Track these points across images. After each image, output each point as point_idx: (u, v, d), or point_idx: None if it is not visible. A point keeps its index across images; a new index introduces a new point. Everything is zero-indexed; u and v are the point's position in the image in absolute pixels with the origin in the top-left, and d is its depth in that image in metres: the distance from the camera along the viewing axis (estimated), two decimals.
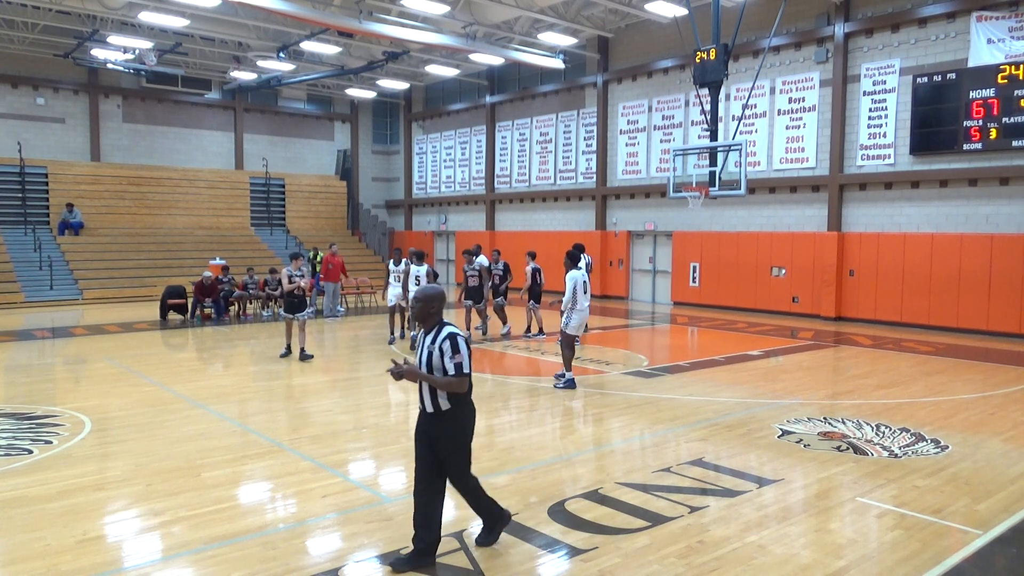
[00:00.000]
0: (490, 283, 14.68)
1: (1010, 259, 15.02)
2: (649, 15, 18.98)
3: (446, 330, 4.58)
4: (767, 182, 19.03)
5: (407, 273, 13.52)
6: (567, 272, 9.76)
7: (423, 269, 13.16)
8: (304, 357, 12.14)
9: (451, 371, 4.49)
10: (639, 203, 22.62)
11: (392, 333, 14.41)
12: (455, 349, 4.50)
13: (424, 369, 4.58)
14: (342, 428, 8.06)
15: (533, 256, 15.53)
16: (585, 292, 9.78)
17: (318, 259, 20.27)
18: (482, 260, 14.53)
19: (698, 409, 8.86)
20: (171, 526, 5.27)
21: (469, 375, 4.58)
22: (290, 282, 12.11)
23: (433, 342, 4.56)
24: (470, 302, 14.33)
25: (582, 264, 10.43)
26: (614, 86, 23.05)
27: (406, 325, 14.52)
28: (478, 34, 21.29)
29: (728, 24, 16.65)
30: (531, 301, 14.81)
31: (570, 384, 9.87)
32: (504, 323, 14.89)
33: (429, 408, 4.63)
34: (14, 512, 5.52)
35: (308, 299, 12.68)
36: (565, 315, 9.73)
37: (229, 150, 29.82)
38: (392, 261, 14.00)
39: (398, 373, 4.58)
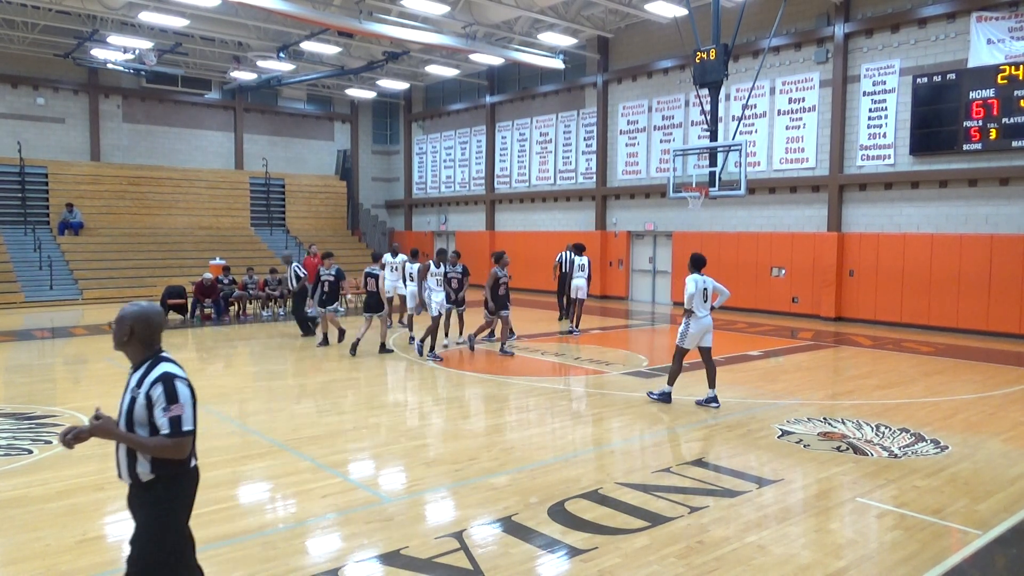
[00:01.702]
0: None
1: (1010, 259, 15.02)
2: (649, 15, 18.98)
3: (160, 369, 3.25)
4: (767, 182, 19.03)
5: (405, 271, 13.65)
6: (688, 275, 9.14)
7: (416, 267, 13.74)
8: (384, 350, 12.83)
9: (164, 428, 3.15)
10: (639, 203, 22.62)
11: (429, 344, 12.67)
12: (171, 397, 3.17)
13: (123, 422, 3.22)
14: (342, 428, 8.06)
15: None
16: (705, 300, 8.96)
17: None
18: (402, 259, 14.15)
19: (698, 409, 8.86)
20: None
21: (190, 434, 3.21)
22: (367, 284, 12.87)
23: (139, 385, 3.23)
24: (451, 306, 13.10)
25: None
26: (614, 86, 23.05)
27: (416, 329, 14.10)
28: (478, 34, 21.29)
29: (728, 24, 16.64)
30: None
31: (665, 398, 9.13)
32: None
33: (125, 477, 3.27)
34: (14, 512, 5.52)
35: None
36: (684, 324, 8.98)
37: (229, 150, 29.82)
38: (432, 263, 12.86)
39: (73, 435, 3.17)
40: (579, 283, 15.64)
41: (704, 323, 8.96)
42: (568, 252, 16.92)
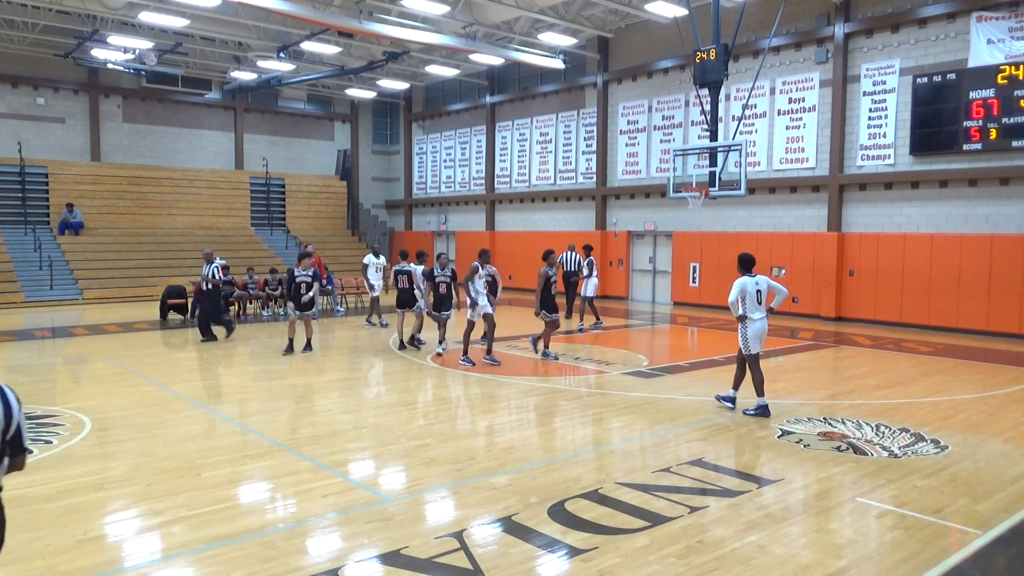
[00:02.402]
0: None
1: (1010, 259, 15.02)
2: (649, 15, 18.98)
3: None
4: (767, 182, 19.03)
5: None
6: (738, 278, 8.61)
7: (419, 269, 13.71)
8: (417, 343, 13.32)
9: None
10: (639, 203, 22.62)
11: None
12: None
13: None
14: (342, 428, 8.06)
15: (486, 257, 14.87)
16: (759, 303, 8.47)
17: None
18: (384, 260, 14.30)
19: (698, 409, 8.86)
20: (171, 526, 5.27)
21: None
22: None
23: None
24: (448, 313, 12.61)
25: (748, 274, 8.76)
26: (614, 86, 23.05)
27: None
28: (478, 34, 21.29)
29: (728, 24, 16.64)
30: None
31: (763, 411, 8.50)
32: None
33: None
34: (14, 512, 5.47)
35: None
36: (741, 330, 8.53)
37: (229, 150, 29.82)
38: (479, 264, 12.10)
39: None
40: (595, 281, 16.80)
41: (760, 326, 8.48)
42: (570, 252, 17.18)
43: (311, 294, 12.84)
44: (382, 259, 16.86)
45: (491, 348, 11.94)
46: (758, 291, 8.49)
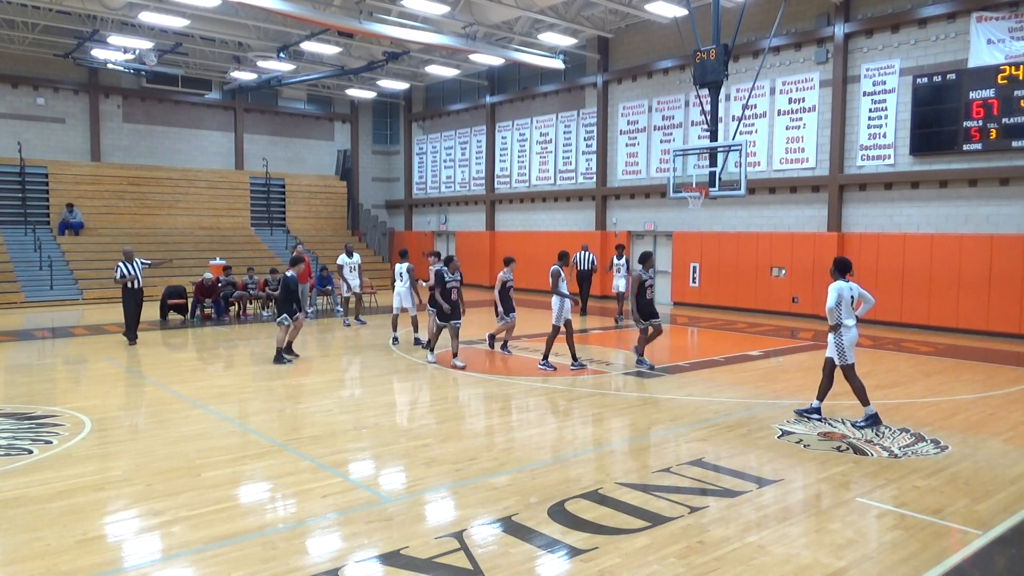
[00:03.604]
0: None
1: (1010, 259, 15.02)
2: (649, 15, 18.98)
3: None
4: (767, 182, 19.03)
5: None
6: (832, 282, 8.24)
7: (406, 266, 14.16)
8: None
9: None
10: (639, 203, 22.62)
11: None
12: None
13: None
14: (342, 428, 8.07)
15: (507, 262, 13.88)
16: (852, 308, 8.15)
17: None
18: (357, 259, 15.75)
19: (698, 409, 8.86)
20: (171, 526, 5.27)
21: None
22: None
23: None
24: (458, 321, 11.89)
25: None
26: (614, 86, 23.05)
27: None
28: (478, 34, 21.28)
29: (728, 24, 16.64)
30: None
31: (873, 421, 8.06)
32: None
33: None
34: (14, 512, 5.52)
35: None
36: (835, 339, 8.12)
37: (229, 150, 29.81)
38: (559, 267, 11.71)
39: None
40: (620, 281, 17.67)
41: (854, 333, 8.14)
42: (584, 252, 17.61)
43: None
44: (356, 258, 16.92)
45: (575, 353, 11.58)
46: (852, 296, 8.14)
